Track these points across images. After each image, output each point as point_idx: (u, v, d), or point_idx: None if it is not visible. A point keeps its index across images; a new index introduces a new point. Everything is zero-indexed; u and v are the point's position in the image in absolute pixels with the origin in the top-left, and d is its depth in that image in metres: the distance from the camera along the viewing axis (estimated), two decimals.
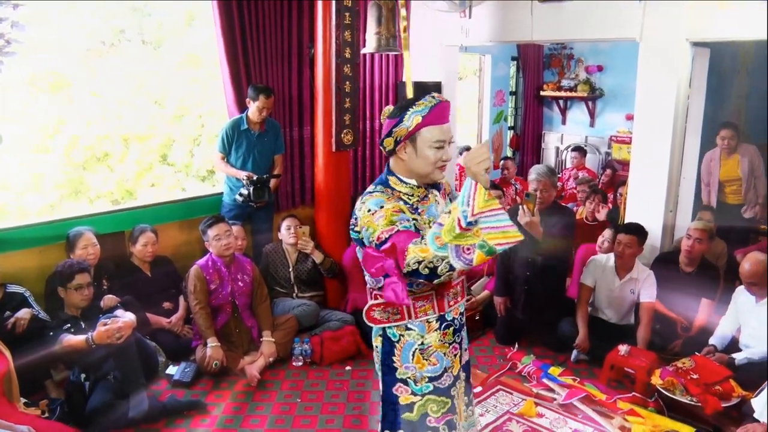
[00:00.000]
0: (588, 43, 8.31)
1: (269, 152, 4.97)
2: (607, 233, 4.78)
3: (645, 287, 4.27)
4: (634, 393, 3.77)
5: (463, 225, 1.76)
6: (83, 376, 3.56)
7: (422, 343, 2.19)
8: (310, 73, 5.28)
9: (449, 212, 1.82)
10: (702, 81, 5.28)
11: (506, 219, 1.79)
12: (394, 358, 2.20)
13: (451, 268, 1.81)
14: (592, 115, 8.74)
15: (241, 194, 4.69)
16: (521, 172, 8.21)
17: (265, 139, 4.90)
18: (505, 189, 6.39)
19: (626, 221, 4.86)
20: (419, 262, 1.81)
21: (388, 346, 2.21)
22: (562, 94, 8.74)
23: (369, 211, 2.02)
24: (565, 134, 9.09)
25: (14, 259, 4.06)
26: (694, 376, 3.52)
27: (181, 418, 3.66)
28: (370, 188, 2.16)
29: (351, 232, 2.16)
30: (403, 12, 3.85)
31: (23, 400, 3.35)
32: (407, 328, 2.18)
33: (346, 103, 4.92)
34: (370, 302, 2.22)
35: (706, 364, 3.67)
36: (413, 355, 2.18)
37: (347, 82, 4.89)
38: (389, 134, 2.10)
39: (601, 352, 4.11)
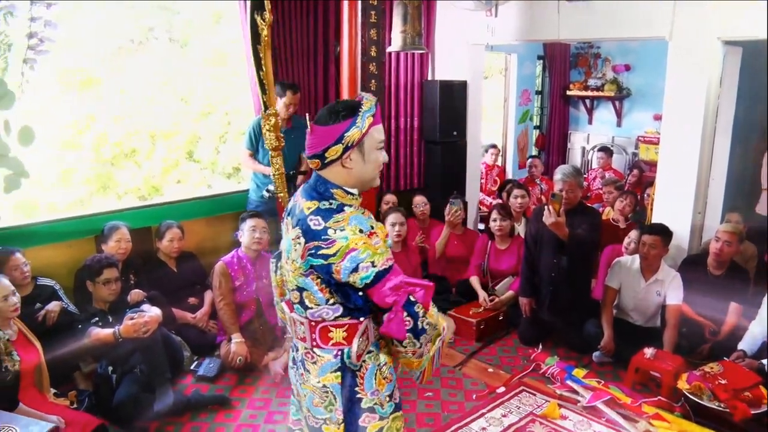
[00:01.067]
0: (616, 42, 8.22)
1: (296, 149, 4.99)
2: (634, 234, 4.73)
3: (671, 289, 4.21)
4: (659, 397, 3.73)
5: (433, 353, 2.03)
6: (110, 368, 3.61)
7: (379, 363, 2.03)
8: (335, 71, 5.30)
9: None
10: (733, 80, 5.20)
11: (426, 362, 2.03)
12: (358, 389, 1.98)
13: (422, 345, 1.94)
14: (619, 114, 8.65)
15: (268, 190, 4.72)
16: (546, 171, 8.15)
17: (292, 136, 4.91)
18: (530, 188, 6.34)
19: (653, 223, 4.81)
20: (424, 320, 1.89)
21: (350, 378, 1.97)
22: (589, 93, 8.66)
23: (361, 231, 1.81)
24: (592, 134, 9.01)
25: (44, 253, 4.12)
26: (723, 382, 3.46)
27: (206, 413, 3.69)
28: (323, 205, 1.87)
29: (311, 258, 1.84)
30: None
31: (53, 390, 3.41)
32: (368, 352, 2.01)
33: None
34: (356, 338, 1.95)
35: (735, 369, 3.61)
36: (375, 379, 2.01)
37: (373, 81, 4.89)
38: (338, 141, 1.83)
39: (626, 354, 4.06)
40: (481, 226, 6.48)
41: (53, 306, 3.76)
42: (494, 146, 7.85)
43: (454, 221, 5.29)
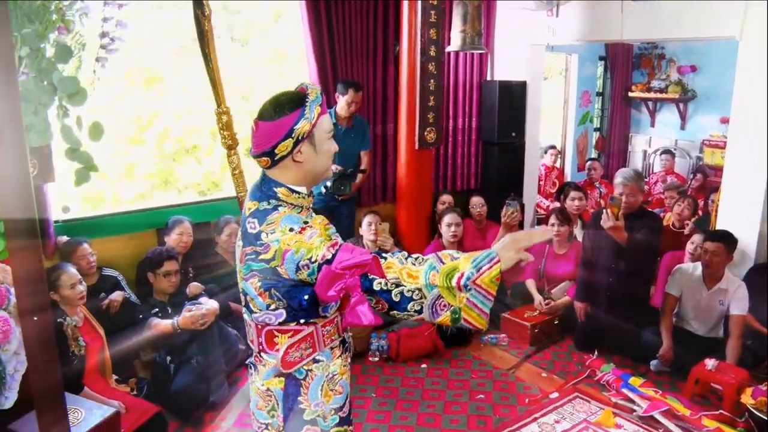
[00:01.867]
0: (681, 42, 7.99)
1: (355, 148, 5.03)
2: (697, 238, 4.58)
3: (735, 299, 4.06)
4: (721, 411, 3.60)
5: (462, 283, 1.61)
6: (168, 358, 3.71)
7: (328, 374, 1.91)
8: (394, 71, 5.31)
9: (455, 258, 1.66)
10: None
11: (489, 306, 1.67)
12: (301, 398, 1.88)
13: (419, 311, 1.64)
14: (683, 117, 8.40)
15: (326, 187, 4.77)
16: (606, 175, 8.00)
17: (352, 134, 4.96)
18: (589, 191, 6.23)
19: (716, 229, 4.65)
20: (397, 285, 1.62)
21: (293, 386, 1.87)
22: (652, 95, 8.45)
23: (291, 230, 1.69)
24: (654, 137, 8.79)
25: (108, 245, 4.25)
26: None
27: None
28: (262, 206, 1.79)
29: (251, 262, 1.76)
30: None
31: (114, 376, 3.53)
32: (315, 361, 1.89)
33: (430, 101, 4.91)
34: (284, 345, 1.84)
35: None
36: (321, 390, 1.90)
37: (431, 80, 4.89)
38: (288, 135, 1.73)
39: (685, 364, 3.95)
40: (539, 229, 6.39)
41: (116, 296, 3.88)
42: (553, 147, 7.74)
43: (511, 223, 5.22)
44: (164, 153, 7.49)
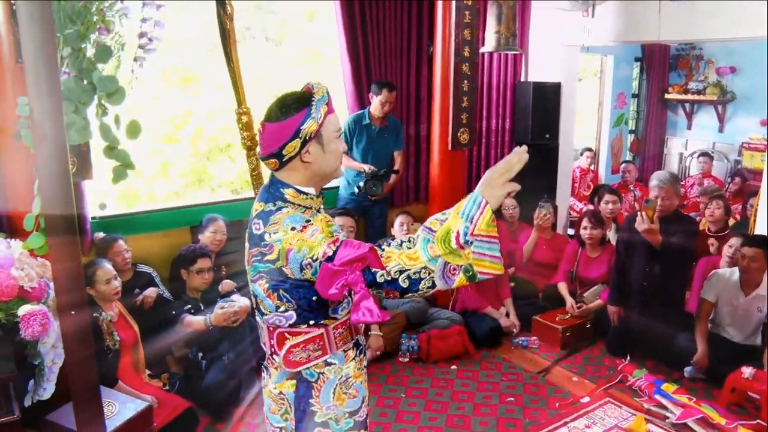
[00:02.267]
0: (720, 43, 7.83)
1: (389, 148, 5.05)
2: (735, 241, 4.45)
3: None
4: (758, 420, 3.52)
5: (461, 242, 1.58)
6: (200, 355, 3.75)
7: (341, 376, 1.89)
8: (428, 71, 5.31)
9: (442, 220, 1.62)
10: None
11: (498, 248, 1.63)
12: (313, 401, 1.86)
13: (432, 285, 1.61)
14: (721, 119, 8.23)
15: (359, 187, 4.79)
16: (641, 178, 7.88)
17: (386, 135, 4.98)
18: (623, 194, 6.14)
19: (754, 234, 4.55)
20: (402, 272, 1.58)
21: (304, 389, 1.86)
22: (689, 97, 8.29)
23: (293, 229, 1.66)
24: (691, 139, 8.62)
25: (143, 242, 4.32)
26: None
27: None
28: (267, 207, 1.77)
29: (257, 264, 1.75)
30: None
31: (147, 371, 3.59)
32: (327, 363, 1.86)
33: (464, 102, 4.89)
34: (287, 344, 1.83)
35: None
36: (334, 393, 1.88)
37: (465, 81, 4.86)
38: (295, 135, 1.71)
39: (721, 372, 3.87)
40: (571, 232, 6.33)
41: (150, 292, 3.94)
42: (589, 149, 7.65)
43: (543, 225, 5.20)
44: (198, 151, 7.57)
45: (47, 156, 1.38)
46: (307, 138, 1.73)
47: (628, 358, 4.29)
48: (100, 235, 4.00)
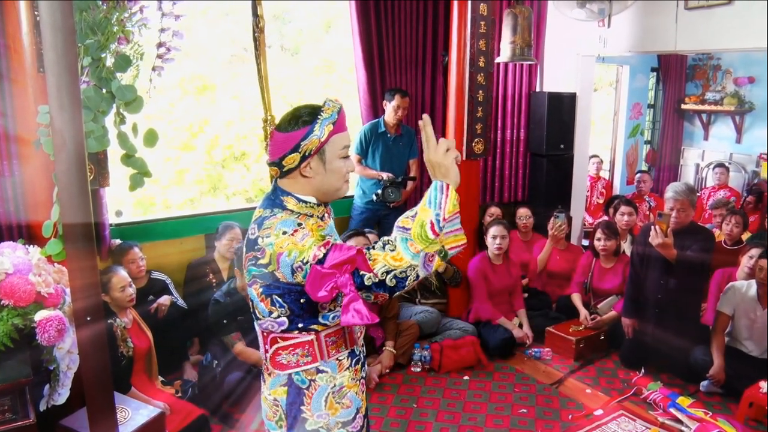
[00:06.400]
0: (738, 53, 7.77)
1: (404, 156, 5.07)
2: (755, 251, 4.38)
3: None
4: None
5: (436, 229, 1.62)
6: (215, 362, 3.77)
7: (334, 385, 1.88)
8: (443, 81, 5.32)
9: (413, 216, 1.65)
10: None
11: (458, 221, 1.70)
12: (304, 408, 1.85)
13: (416, 278, 1.63)
14: (739, 130, 8.16)
15: (377, 194, 4.80)
16: (657, 188, 7.82)
17: (400, 143, 5.01)
18: (638, 204, 6.10)
19: None
20: (388, 272, 1.60)
21: (295, 395, 1.86)
22: (706, 107, 8.23)
23: (284, 233, 1.68)
24: (707, 150, 8.55)
25: (158, 249, 4.36)
26: None
27: None
28: (264, 213, 1.79)
29: (252, 267, 1.77)
30: None
31: (161, 378, 3.61)
32: (318, 371, 1.86)
33: (478, 112, 4.89)
34: (275, 346, 1.85)
35: None
36: (326, 401, 1.87)
37: (480, 91, 4.87)
38: (295, 149, 1.74)
39: (738, 386, 3.82)
40: (585, 242, 6.30)
41: (164, 300, 3.97)
42: (595, 156, 7.59)
43: (558, 236, 5.18)
44: (214, 160, 7.63)
45: (66, 164, 1.40)
46: (307, 154, 1.75)
47: (643, 370, 4.26)
48: (116, 242, 4.04)
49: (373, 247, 1.64)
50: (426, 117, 1.77)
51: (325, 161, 1.78)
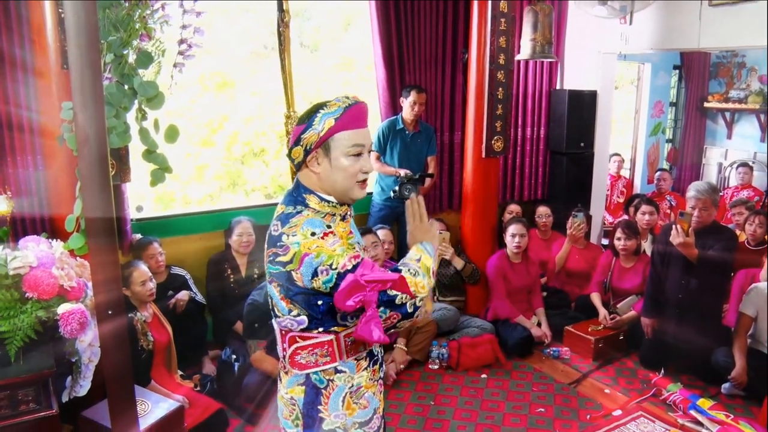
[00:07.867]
0: (764, 50, 7.65)
1: (422, 153, 5.06)
2: None
3: None
4: None
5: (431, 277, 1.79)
6: (233, 357, 3.79)
7: (352, 385, 1.87)
8: (463, 79, 5.31)
9: (418, 259, 1.79)
10: None
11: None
12: (321, 407, 1.84)
13: (416, 310, 1.74)
14: (763, 129, 8.04)
15: (394, 191, 4.81)
16: (678, 187, 7.73)
17: (419, 140, 5.00)
18: (658, 202, 6.04)
19: None
20: (411, 297, 1.71)
21: (313, 394, 1.84)
22: (730, 105, 8.12)
23: (313, 234, 1.68)
24: (730, 149, 8.44)
25: (178, 244, 4.39)
26: None
27: None
28: (287, 210, 1.79)
29: (269, 265, 1.78)
30: None
31: (180, 372, 3.64)
32: (337, 371, 1.85)
33: (498, 110, 4.88)
34: (294, 346, 1.85)
35: None
36: (343, 401, 1.85)
37: (500, 89, 4.85)
38: (297, 142, 1.78)
39: (760, 388, 3.77)
40: (605, 241, 6.25)
41: (182, 295, 4.01)
42: (616, 154, 7.53)
43: (577, 235, 5.15)
44: (233, 156, 7.67)
45: (89, 159, 1.42)
46: (308, 147, 1.77)
47: (663, 371, 4.22)
48: (137, 236, 4.08)
49: (407, 270, 1.73)
50: (420, 199, 1.97)
51: (330, 157, 1.77)
